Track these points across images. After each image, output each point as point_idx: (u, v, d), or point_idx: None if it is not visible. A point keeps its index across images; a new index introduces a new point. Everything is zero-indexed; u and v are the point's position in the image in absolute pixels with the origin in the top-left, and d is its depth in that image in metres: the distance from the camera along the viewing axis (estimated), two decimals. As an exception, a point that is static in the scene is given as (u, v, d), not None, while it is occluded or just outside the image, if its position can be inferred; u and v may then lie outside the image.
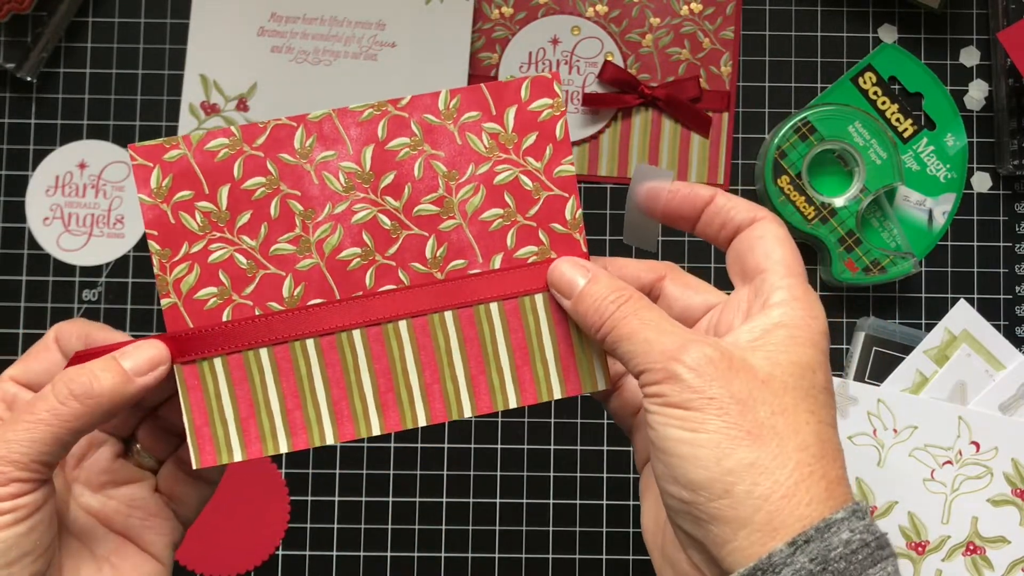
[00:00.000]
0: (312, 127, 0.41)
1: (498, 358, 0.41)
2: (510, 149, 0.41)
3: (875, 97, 0.69)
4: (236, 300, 0.41)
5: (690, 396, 0.35)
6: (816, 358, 0.37)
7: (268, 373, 0.41)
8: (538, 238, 0.41)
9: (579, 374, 0.41)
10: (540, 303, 0.41)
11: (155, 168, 0.40)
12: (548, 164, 0.41)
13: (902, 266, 0.67)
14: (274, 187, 0.41)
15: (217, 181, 0.40)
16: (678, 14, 0.70)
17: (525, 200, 0.41)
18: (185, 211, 0.40)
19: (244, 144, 0.40)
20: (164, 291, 0.40)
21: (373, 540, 0.68)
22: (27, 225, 0.69)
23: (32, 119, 0.70)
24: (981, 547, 0.65)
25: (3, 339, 0.68)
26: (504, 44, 0.70)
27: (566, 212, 0.42)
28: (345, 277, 0.41)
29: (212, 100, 0.69)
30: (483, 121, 0.41)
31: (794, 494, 0.34)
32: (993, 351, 0.66)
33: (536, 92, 0.41)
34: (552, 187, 0.41)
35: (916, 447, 0.65)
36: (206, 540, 0.67)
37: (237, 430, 0.41)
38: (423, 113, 0.41)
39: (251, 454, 0.40)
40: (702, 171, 0.70)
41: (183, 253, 0.40)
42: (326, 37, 0.69)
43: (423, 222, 0.41)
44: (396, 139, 0.41)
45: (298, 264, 0.41)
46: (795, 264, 0.40)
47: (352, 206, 0.41)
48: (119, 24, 0.70)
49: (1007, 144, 0.68)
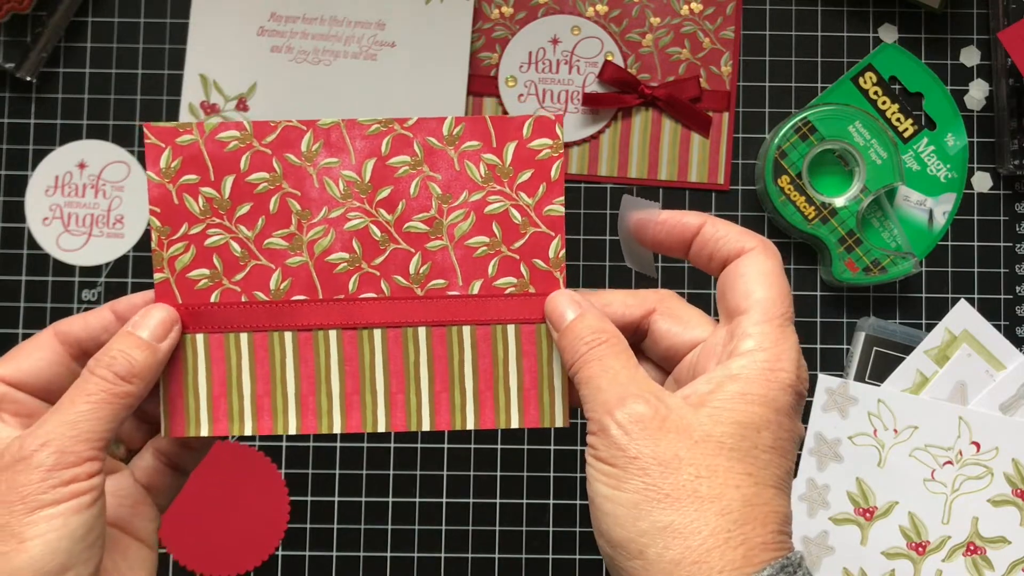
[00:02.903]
0: (320, 133, 0.43)
1: (463, 379, 0.43)
2: (505, 182, 0.43)
3: (875, 97, 0.69)
4: (226, 284, 0.43)
5: (615, 453, 0.35)
6: (764, 417, 0.36)
7: (245, 357, 0.43)
8: (519, 271, 0.43)
9: (540, 408, 0.43)
10: (511, 334, 0.43)
11: (167, 149, 0.42)
12: (539, 201, 0.43)
13: (902, 266, 0.67)
14: (276, 184, 0.43)
15: (224, 170, 0.42)
16: (678, 14, 0.70)
17: (512, 232, 0.43)
18: (189, 194, 0.42)
19: (254, 139, 0.42)
20: (159, 266, 0.43)
21: (373, 540, 0.68)
22: (27, 225, 0.69)
23: (32, 119, 0.70)
24: (981, 547, 0.65)
25: (3, 339, 0.68)
26: (504, 44, 0.70)
27: (550, 250, 0.43)
28: (330, 279, 0.43)
29: (212, 100, 0.69)
30: (483, 151, 0.43)
31: (705, 560, 0.33)
32: (993, 351, 0.66)
33: (538, 131, 0.42)
34: (540, 224, 0.43)
35: (916, 447, 0.65)
36: (206, 540, 0.67)
37: (208, 407, 0.43)
38: (427, 135, 0.43)
39: (217, 431, 0.42)
40: (702, 171, 0.70)
41: (182, 233, 0.43)
42: (326, 37, 0.69)
43: (411, 238, 0.43)
44: (398, 156, 0.43)
45: (288, 260, 0.43)
46: (776, 305, 0.38)
47: (347, 213, 0.43)
48: (119, 24, 0.70)
49: (1007, 144, 0.68)
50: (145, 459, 0.44)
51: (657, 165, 0.70)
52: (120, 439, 0.44)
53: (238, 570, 0.67)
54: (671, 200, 0.70)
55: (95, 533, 0.37)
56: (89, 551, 0.37)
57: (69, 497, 0.36)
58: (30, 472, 0.36)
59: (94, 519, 0.37)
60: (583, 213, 0.69)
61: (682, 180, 0.70)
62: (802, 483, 0.66)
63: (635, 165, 0.70)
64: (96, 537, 0.37)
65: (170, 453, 0.44)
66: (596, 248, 0.69)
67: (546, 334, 0.42)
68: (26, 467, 0.36)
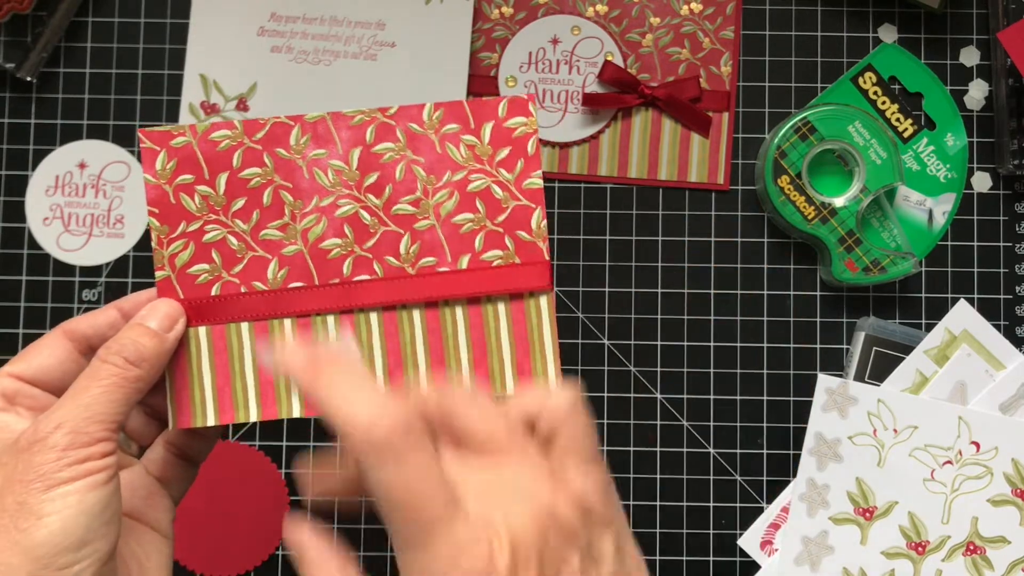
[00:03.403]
0: (308, 127, 0.44)
1: (458, 350, 0.44)
2: (484, 160, 0.44)
3: (875, 97, 0.69)
4: (225, 277, 0.44)
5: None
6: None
7: (246, 346, 0.44)
8: (504, 243, 0.45)
9: (533, 375, 0.44)
10: (501, 308, 0.44)
11: (161, 152, 0.44)
12: (519, 176, 0.44)
13: (902, 266, 0.67)
14: (268, 178, 0.44)
15: (217, 168, 0.44)
16: (678, 14, 0.70)
17: (495, 207, 0.44)
18: (185, 193, 0.44)
19: (245, 137, 0.44)
20: (160, 264, 0.44)
21: (373, 540, 0.68)
22: (27, 225, 0.69)
23: (32, 119, 0.70)
24: (981, 547, 0.65)
25: (3, 339, 0.68)
26: (504, 44, 0.70)
27: (532, 222, 0.45)
28: (325, 264, 0.44)
29: (212, 100, 0.69)
30: (462, 133, 0.44)
31: None
32: (993, 351, 0.66)
33: (512, 111, 0.44)
34: (520, 197, 0.45)
35: (916, 447, 0.65)
36: (206, 540, 0.67)
37: (213, 396, 0.44)
38: (408, 122, 0.44)
39: (223, 419, 0.44)
40: (702, 171, 0.70)
41: (180, 231, 0.44)
42: (326, 37, 0.69)
43: (400, 220, 0.44)
44: (382, 143, 0.44)
45: (284, 249, 0.44)
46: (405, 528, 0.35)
47: (337, 200, 0.44)
48: (119, 24, 0.70)
49: (1007, 144, 0.68)
50: (156, 451, 0.46)
51: (657, 165, 0.70)
52: (131, 437, 0.46)
53: (238, 570, 0.67)
54: (671, 200, 0.70)
55: (111, 510, 0.38)
56: (106, 527, 0.38)
57: (84, 475, 0.37)
58: (46, 452, 0.37)
59: (109, 496, 0.38)
60: (583, 213, 0.69)
61: (682, 180, 0.70)
62: (802, 483, 0.66)
63: (635, 165, 0.70)
64: (112, 515, 0.38)
65: (180, 444, 0.46)
66: (596, 248, 0.69)
67: (534, 305, 0.44)
68: (42, 447, 0.37)
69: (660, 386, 0.69)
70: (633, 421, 0.68)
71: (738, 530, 0.68)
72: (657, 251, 0.69)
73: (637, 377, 0.69)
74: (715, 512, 0.68)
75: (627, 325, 0.69)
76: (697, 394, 0.69)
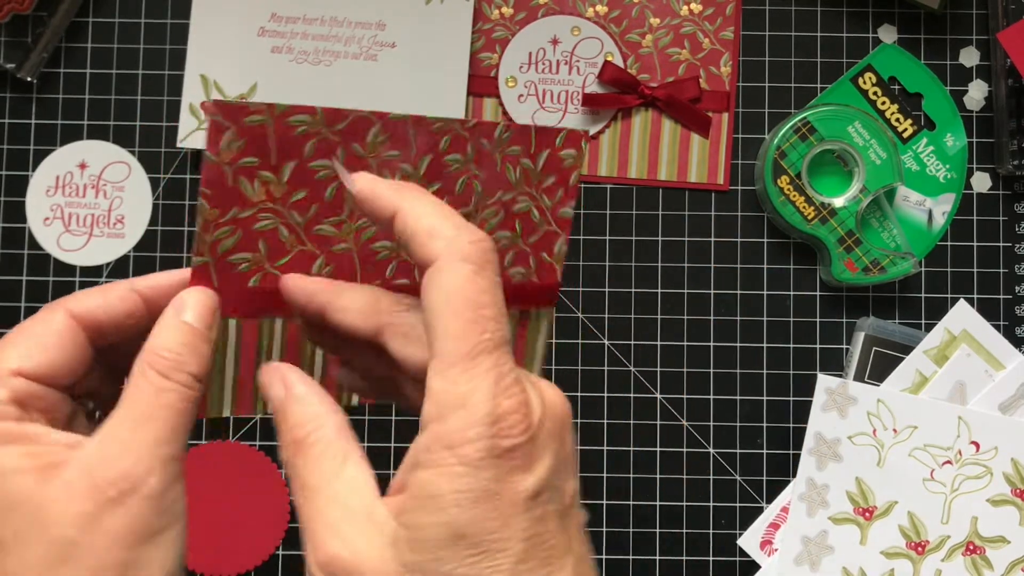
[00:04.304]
0: (389, 126, 0.42)
1: None
2: (533, 185, 0.45)
3: (875, 97, 0.69)
4: (267, 269, 0.42)
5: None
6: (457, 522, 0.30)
7: (276, 344, 0.43)
8: (528, 262, 0.45)
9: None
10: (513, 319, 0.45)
11: (231, 128, 0.40)
12: (556, 204, 0.45)
13: (902, 266, 0.67)
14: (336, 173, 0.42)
15: (287, 155, 0.41)
16: (678, 14, 0.70)
17: (530, 229, 0.45)
18: (245, 176, 0.40)
19: (324, 126, 0.41)
20: (200, 250, 0.40)
21: (373, 540, 0.68)
22: (27, 225, 0.69)
23: (32, 119, 0.70)
24: (981, 547, 0.65)
25: (3, 339, 0.68)
26: (504, 44, 0.70)
27: (555, 247, 0.46)
28: (371, 265, 0.43)
29: (212, 100, 0.69)
30: (522, 156, 0.44)
31: None
32: (993, 351, 0.66)
33: (568, 143, 0.45)
34: (553, 224, 0.45)
35: (916, 447, 0.65)
36: (206, 540, 0.67)
37: (232, 388, 0.43)
38: (481, 137, 0.44)
39: (239, 412, 0.43)
40: (702, 171, 0.70)
41: (230, 216, 0.40)
42: (326, 37, 0.69)
43: None
44: (453, 154, 0.43)
45: (334, 246, 0.43)
46: (461, 341, 0.32)
47: None
48: (119, 24, 0.70)
49: (1007, 144, 0.68)
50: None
51: (657, 165, 0.70)
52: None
53: (238, 570, 0.67)
54: (671, 200, 0.70)
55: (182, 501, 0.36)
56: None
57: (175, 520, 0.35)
58: (142, 503, 0.34)
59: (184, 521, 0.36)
60: (583, 213, 0.70)
61: (682, 180, 0.70)
62: (802, 483, 0.66)
63: (635, 165, 0.70)
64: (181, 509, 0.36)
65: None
66: (596, 248, 0.69)
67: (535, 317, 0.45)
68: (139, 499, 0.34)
69: (660, 386, 0.69)
70: (633, 421, 0.68)
71: (738, 530, 0.68)
72: (657, 251, 0.69)
73: (637, 377, 0.69)
74: (715, 512, 0.68)
75: (627, 325, 0.69)
76: (697, 394, 0.69)
